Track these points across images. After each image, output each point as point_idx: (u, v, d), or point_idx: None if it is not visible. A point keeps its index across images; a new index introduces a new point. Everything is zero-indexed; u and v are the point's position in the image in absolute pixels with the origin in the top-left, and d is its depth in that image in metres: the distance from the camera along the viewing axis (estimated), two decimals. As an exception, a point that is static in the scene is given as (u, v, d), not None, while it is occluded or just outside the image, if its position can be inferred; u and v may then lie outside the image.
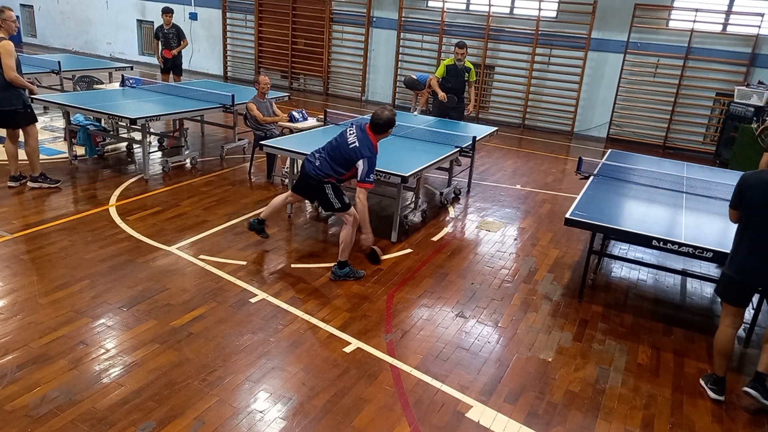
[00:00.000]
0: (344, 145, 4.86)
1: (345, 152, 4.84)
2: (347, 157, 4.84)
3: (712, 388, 3.89)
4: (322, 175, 4.92)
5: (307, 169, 4.99)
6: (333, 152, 4.93)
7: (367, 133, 4.88)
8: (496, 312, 4.77)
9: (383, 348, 4.12)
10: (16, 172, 6.55)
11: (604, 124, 12.06)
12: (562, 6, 11.78)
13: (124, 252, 5.24)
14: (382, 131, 4.94)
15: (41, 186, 6.51)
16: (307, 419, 3.38)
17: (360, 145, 4.79)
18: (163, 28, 10.33)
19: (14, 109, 6.10)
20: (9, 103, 6.06)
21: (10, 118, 6.15)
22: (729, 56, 10.81)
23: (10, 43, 5.95)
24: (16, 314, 4.15)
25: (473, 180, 8.15)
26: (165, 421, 3.26)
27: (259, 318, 4.37)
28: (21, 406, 3.28)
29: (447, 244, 6.03)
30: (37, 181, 6.52)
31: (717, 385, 3.87)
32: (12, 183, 6.52)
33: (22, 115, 6.21)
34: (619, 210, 5.22)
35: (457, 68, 8.49)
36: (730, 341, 3.82)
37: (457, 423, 3.46)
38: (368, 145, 4.81)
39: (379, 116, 4.85)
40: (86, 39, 17.96)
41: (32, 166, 6.48)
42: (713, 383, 3.90)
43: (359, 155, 4.77)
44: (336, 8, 14.07)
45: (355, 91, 14.39)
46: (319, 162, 4.95)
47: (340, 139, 4.94)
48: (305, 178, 5.04)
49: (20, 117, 6.19)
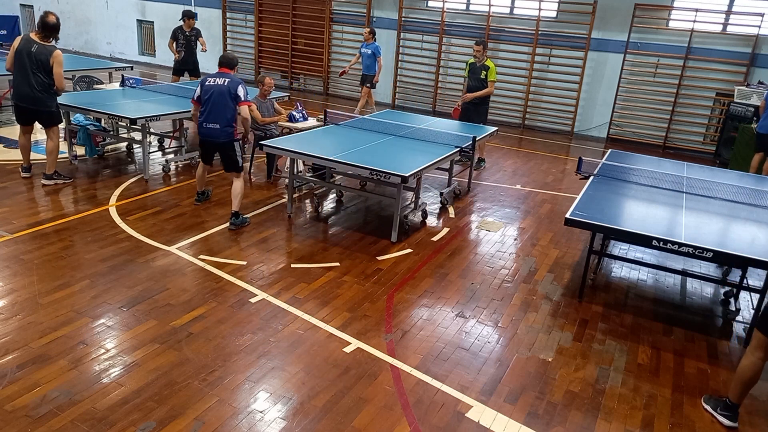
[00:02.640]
0: (220, 89, 5.73)
1: (225, 92, 5.72)
2: (229, 95, 5.72)
3: (725, 414, 3.68)
4: (226, 131, 5.82)
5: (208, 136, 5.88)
6: (218, 103, 5.73)
7: (227, 72, 5.85)
8: (496, 312, 4.77)
9: (383, 348, 4.12)
10: (28, 164, 6.88)
11: (604, 124, 12.06)
12: (562, 6, 11.78)
13: (124, 252, 5.24)
14: (232, 67, 5.91)
15: (56, 183, 6.72)
16: (307, 419, 3.38)
17: (231, 79, 5.77)
18: (183, 31, 10.34)
19: (51, 110, 6.52)
20: (49, 105, 6.48)
21: (47, 117, 6.55)
22: (729, 56, 10.81)
23: (62, 54, 6.40)
24: (16, 314, 4.15)
25: (473, 180, 8.15)
26: (165, 421, 3.26)
27: (259, 318, 4.38)
28: (21, 406, 3.28)
29: (447, 244, 6.03)
30: (52, 178, 6.71)
31: (730, 411, 3.67)
32: (25, 174, 6.85)
33: (57, 115, 6.64)
34: (619, 210, 5.22)
35: (476, 67, 8.47)
36: (758, 373, 3.55)
37: (457, 423, 3.46)
38: (235, 77, 5.82)
39: (225, 56, 5.93)
40: (86, 39, 17.96)
41: (49, 164, 6.69)
42: (725, 409, 3.70)
43: (236, 83, 5.75)
44: (336, 8, 14.07)
45: (355, 91, 14.38)
46: (212, 122, 5.79)
47: (213, 91, 5.74)
48: (210, 144, 5.95)
49: (55, 117, 6.62)
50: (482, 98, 8.64)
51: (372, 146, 6.49)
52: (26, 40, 6.29)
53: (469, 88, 8.64)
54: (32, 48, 6.23)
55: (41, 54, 6.22)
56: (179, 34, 10.34)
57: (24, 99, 6.37)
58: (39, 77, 6.26)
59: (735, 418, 3.66)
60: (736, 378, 3.63)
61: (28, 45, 6.25)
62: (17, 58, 6.28)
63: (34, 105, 6.38)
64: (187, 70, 10.71)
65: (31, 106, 6.39)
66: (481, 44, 8.42)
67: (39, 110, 6.43)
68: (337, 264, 5.36)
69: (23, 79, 6.28)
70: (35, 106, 6.39)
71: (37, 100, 6.35)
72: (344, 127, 7.43)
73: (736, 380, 3.64)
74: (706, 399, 3.85)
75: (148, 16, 16.68)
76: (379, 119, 7.86)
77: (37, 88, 6.29)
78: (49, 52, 6.24)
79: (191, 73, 10.80)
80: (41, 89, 6.31)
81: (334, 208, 6.93)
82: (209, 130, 5.82)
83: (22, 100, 6.40)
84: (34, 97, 6.32)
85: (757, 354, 3.54)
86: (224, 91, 5.70)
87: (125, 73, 9.91)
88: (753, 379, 3.57)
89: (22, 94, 6.36)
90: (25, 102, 6.39)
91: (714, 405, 3.76)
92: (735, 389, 3.64)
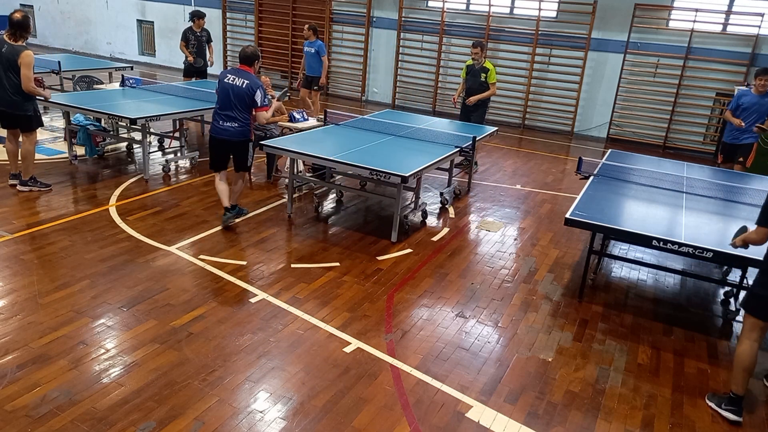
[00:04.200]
0: (238, 90, 5.58)
1: (242, 94, 5.58)
2: (247, 97, 5.59)
3: (730, 408, 3.67)
4: (242, 129, 5.70)
5: (223, 135, 5.70)
6: (234, 102, 5.59)
7: (246, 71, 5.68)
8: (496, 312, 4.77)
9: (383, 348, 4.12)
10: (16, 170, 6.59)
11: (604, 124, 12.07)
12: (562, 6, 11.78)
13: (124, 252, 5.24)
14: (252, 63, 5.73)
15: (31, 189, 6.50)
16: (307, 419, 3.38)
17: (250, 81, 5.59)
18: (194, 32, 10.28)
19: (27, 114, 6.29)
20: (25, 109, 6.25)
21: (25, 122, 6.32)
22: (729, 56, 10.81)
23: (31, 54, 6.11)
24: (16, 314, 4.15)
25: (473, 180, 8.15)
26: (165, 421, 3.26)
27: (259, 318, 4.38)
28: (21, 406, 3.28)
29: (447, 244, 6.03)
30: (27, 184, 6.50)
31: (734, 405, 3.67)
32: (13, 181, 6.58)
33: (34, 119, 6.41)
34: (619, 210, 5.22)
35: (475, 69, 8.41)
36: (755, 356, 3.61)
37: (457, 423, 3.46)
38: (255, 79, 5.66)
39: (245, 53, 5.69)
40: (86, 39, 17.96)
41: (25, 169, 6.48)
42: (729, 403, 3.68)
43: (255, 87, 5.59)
44: (336, 8, 14.07)
45: (355, 91, 14.39)
46: (229, 121, 5.65)
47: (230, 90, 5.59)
48: (222, 144, 5.77)
49: (33, 120, 6.39)
50: (483, 100, 8.60)
51: (372, 146, 6.49)
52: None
53: (469, 90, 8.54)
54: (3, 49, 5.98)
55: (10, 54, 5.96)
56: (190, 35, 10.27)
57: (2, 102, 6.14)
58: (11, 79, 6.02)
59: (740, 412, 3.67)
60: (736, 366, 3.67)
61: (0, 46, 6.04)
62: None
63: (11, 109, 6.15)
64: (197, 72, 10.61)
65: (8, 109, 6.17)
66: (479, 46, 8.29)
67: (15, 114, 6.20)
68: (337, 264, 5.36)
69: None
70: (11, 110, 6.17)
71: (13, 104, 6.12)
72: (344, 127, 7.43)
73: (736, 368, 3.68)
74: (709, 397, 3.85)
75: (148, 16, 16.68)
76: (379, 119, 7.86)
77: (10, 91, 6.05)
78: (17, 52, 5.96)
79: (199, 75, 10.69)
80: (14, 91, 6.06)
81: (334, 208, 6.93)
82: (224, 130, 5.68)
83: (1, 104, 6.15)
84: (10, 100, 6.10)
85: (753, 336, 3.61)
86: (242, 94, 5.57)
87: (125, 73, 9.91)
88: (753, 363, 3.63)
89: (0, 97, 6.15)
90: (3, 105, 6.16)
91: (718, 402, 3.77)
92: (737, 378, 3.67)
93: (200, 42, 10.35)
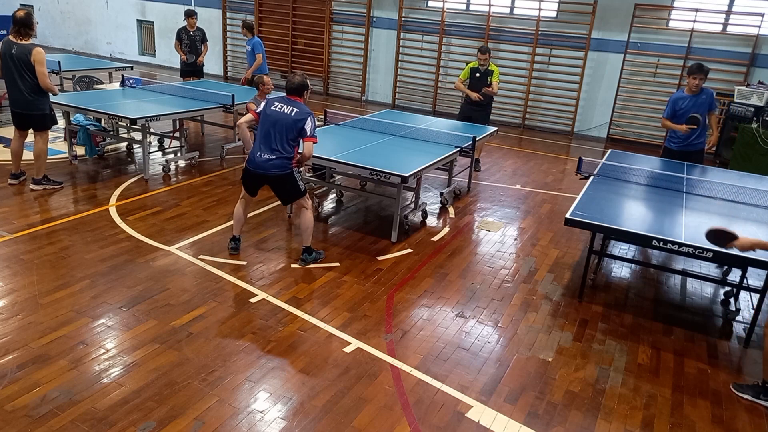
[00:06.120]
0: (285, 119, 4.99)
1: (290, 124, 4.98)
2: (295, 128, 4.99)
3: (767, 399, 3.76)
4: (283, 162, 5.03)
5: (259, 169, 5.04)
6: (279, 133, 4.99)
7: (296, 100, 5.09)
8: (496, 312, 4.77)
9: (383, 348, 4.12)
10: (17, 170, 6.63)
11: (604, 124, 12.06)
12: (562, 6, 11.78)
13: (124, 252, 5.24)
14: (301, 93, 5.13)
15: (45, 188, 6.54)
16: (307, 419, 3.38)
17: (300, 110, 5.01)
18: (188, 31, 10.28)
19: (44, 113, 6.32)
20: (41, 107, 6.28)
21: (40, 121, 6.34)
22: (729, 56, 10.80)
23: (42, 51, 6.14)
24: (16, 314, 4.16)
25: (473, 180, 8.15)
26: (165, 421, 3.26)
27: (259, 318, 4.38)
28: (21, 406, 3.28)
29: (447, 244, 6.03)
30: (41, 183, 6.55)
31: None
32: (12, 180, 6.60)
33: (49, 117, 6.42)
34: (619, 210, 5.22)
35: (481, 72, 8.55)
36: None
37: (457, 423, 3.46)
38: (305, 107, 5.07)
39: (293, 82, 5.10)
40: (86, 39, 17.96)
41: (38, 168, 6.51)
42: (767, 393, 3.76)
43: (305, 116, 4.99)
44: (336, 8, 14.07)
45: (355, 91, 14.39)
46: (268, 153, 5.01)
47: (276, 119, 5.01)
48: (259, 178, 5.11)
49: (48, 119, 6.40)
50: (488, 99, 8.70)
51: (372, 146, 6.49)
52: (6, 43, 6.07)
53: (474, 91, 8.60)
54: (12, 50, 6.02)
55: (21, 54, 6.00)
56: (183, 34, 10.28)
57: (16, 104, 6.22)
58: (26, 79, 6.07)
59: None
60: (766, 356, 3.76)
61: (8, 47, 6.04)
62: (3, 63, 6.10)
63: (27, 109, 6.20)
64: (192, 72, 10.60)
65: (24, 110, 6.22)
66: (487, 52, 8.53)
67: (32, 114, 6.24)
68: (337, 264, 5.36)
69: (12, 83, 6.11)
70: (28, 110, 6.21)
71: (29, 104, 6.17)
72: (344, 127, 7.43)
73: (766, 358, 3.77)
74: (738, 388, 3.88)
75: (148, 16, 16.68)
76: (379, 119, 7.87)
77: (26, 91, 6.10)
78: (28, 51, 6.01)
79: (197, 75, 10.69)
80: (30, 91, 6.12)
81: (334, 208, 6.93)
82: (263, 163, 5.00)
83: (15, 105, 6.24)
84: (25, 100, 6.15)
85: None
86: (290, 123, 4.96)
87: (125, 73, 9.92)
88: None
89: (14, 99, 6.20)
90: (18, 107, 6.23)
91: (754, 393, 3.82)
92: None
93: (193, 41, 10.32)
